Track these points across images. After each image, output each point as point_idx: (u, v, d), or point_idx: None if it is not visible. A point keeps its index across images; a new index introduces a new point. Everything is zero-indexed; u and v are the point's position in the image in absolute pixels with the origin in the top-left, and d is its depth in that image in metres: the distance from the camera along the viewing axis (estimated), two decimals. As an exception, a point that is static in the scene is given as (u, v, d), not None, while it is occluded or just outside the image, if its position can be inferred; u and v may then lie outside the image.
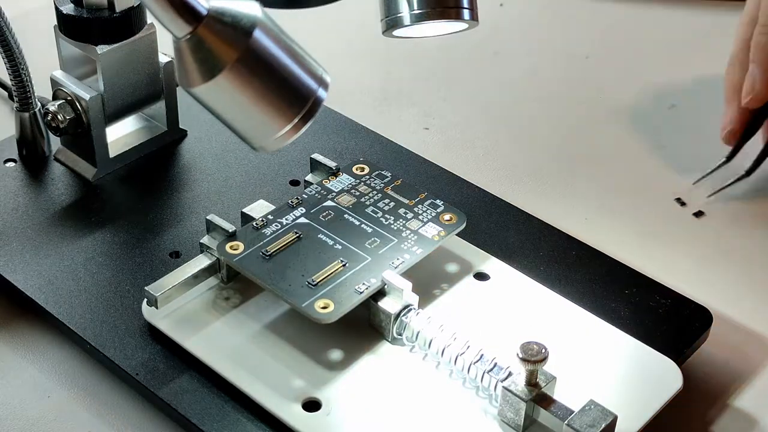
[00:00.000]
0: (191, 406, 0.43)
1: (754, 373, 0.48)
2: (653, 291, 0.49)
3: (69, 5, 0.51)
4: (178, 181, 0.55)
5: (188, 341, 0.45)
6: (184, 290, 0.46)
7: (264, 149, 0.40)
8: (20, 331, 0.48)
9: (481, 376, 0.43)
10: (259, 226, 0.48)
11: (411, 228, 0.48)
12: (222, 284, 0.48)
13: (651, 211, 0.56)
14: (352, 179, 0.51)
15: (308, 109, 0.39)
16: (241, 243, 0.47)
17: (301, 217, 0.48)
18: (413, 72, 0.66)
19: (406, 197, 0.50)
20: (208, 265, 0.47)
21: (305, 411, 0.43)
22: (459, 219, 0.49)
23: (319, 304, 0.44)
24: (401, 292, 0.45)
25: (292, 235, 0.47)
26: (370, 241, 0.47)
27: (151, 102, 0.55)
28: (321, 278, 0.45)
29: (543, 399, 0.42)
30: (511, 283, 0.48)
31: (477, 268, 0.49)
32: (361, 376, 0.44)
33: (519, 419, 0.42)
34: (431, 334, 0.44)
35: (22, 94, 0.54)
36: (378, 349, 0.45)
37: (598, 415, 0.41)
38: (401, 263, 0.46)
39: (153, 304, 0.45)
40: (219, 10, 0.37)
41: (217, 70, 0.37)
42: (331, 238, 0.47)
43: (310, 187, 0.50)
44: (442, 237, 0.48)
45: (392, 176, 0.51)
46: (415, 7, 0.44)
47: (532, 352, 0.41)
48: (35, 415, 0.45)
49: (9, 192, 0.53)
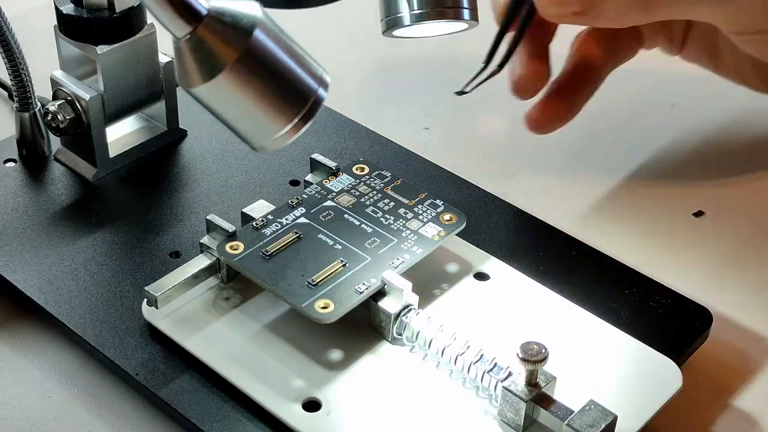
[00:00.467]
0: (191, 406, 0.43)
1: (754, 373, 0.48)
2: (653, 291, 0.49)
3: (69, 5, 0.51)
4: (178, 181, 0.55)
5: (188, 341, 0.45)
6: (184, 290, 0.46)
7: (264, 149, 0.40)
8: (20, 331, 0.48)
9: (481, 376, 0.43)
10: (259, 226, 0.48)
11: (411, 228, 0.48)
12: (222, 284, 0.48)
13: (651, 211, 0.56)
14: (352, 179, 0.51)
15: (308, 109, 0.39)
16: (241, 243, 0.47)
17: (301, 217, 0.48)
18: (413, 72, 0.66)
19: (406, 197, 0.50)
20: (208, 265, 0.47)
21: (305, 411, 0.43)
22: (459, 219, 0.49)
23: (319, 304, 0.44)
24: (401, 292, 0.45)
25: (292, 235, 0.47)
26: (370, 241, 0.47)
27: (151, 102, 0.55)
28: (321, 278, 0.45)
29: (543, 399, 0.42)
30: (511, 283, 0.48)
31: (477, 268, 0.49)
32: (361, 376, 0.44)
33: (519, 419, 0.42)
34: (431, 334, 0.44)
35: (22, 94, 0.54)
36: (378, 349, 0.45)
37: (598, 415, 0.41)
38: (401, 263, 0.46)
39: (153, 304, 0.45)
40: (219, 10, 0.37)
41: (217, 70, 0.37)
42: (331, 238, 0.47)
43: (310, 187, 0.50)
44: (442, 237, 0.48)
45: (392, 176, 0.51)
46: (415, 7, 0.44)
47: (532, 352, 0.41)
48: (35, 415, 0.45)
49: (9, 192, 0.53)
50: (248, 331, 0.46)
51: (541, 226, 0.52)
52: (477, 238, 0.51)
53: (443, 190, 0.54)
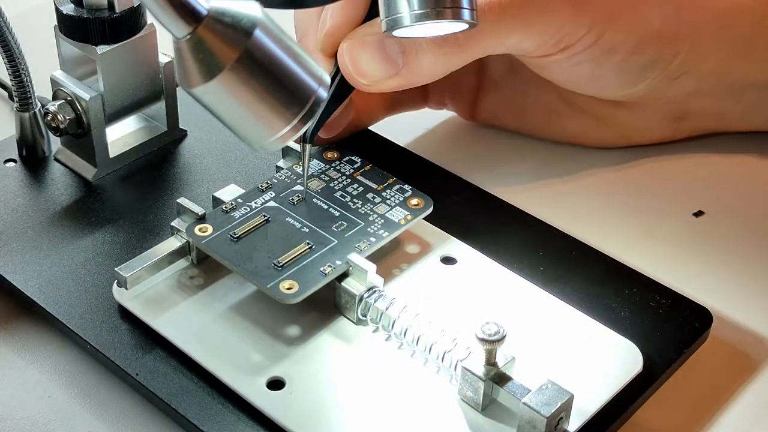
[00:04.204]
0: (191, 406, 0.43)
1: (754, 373, 0.48)
2: (653, 291, 0.49)
3: (69, 5, 0.51)
4: (178, 181, 0.55)
5: (155, 321, 0.46)
6: (154, 271, 0.47)
7: (264, 149, 0.40)
8: (20, 331, 0.48)
9: (442, 356, 0.44)
10: (228, 209, 0.48)
11: (378, 212, 0.49)
12: (192, 266, 0.48)
13: (651, 211, 0.56)
14: (323, 164, 0.52)
15: (308, 109, 0.39)
16: (210, 226, 0.47)
17: (270, 200, 0.49)
18: (413, 72, 0.66)
19: (374, 182, 0.51)
20: (178, 248, 0.47)
21: (269, 390, 0.43)
22: (426, 204, 0.50)
23: (284, 285, 0.45)
24: (365, 274, 0.46)
25: (260, 218, 0.48)
26: (338, 224, 0.48)
27: (151, 102, 0.55)
28: (287, 260, 0.46)
29: (501, 378, 0.42)
30: (478, 267, 0.49)
31: (444, 252, 0.50)
32: (325, 356, 0.45)
33: (478, 398, 0.43)
34: (394, 315, 0.45)
35: (22, 94, 0.54)
36: (342, 330, 0.46)
37: (554, 394, 0.41)
38: (367, 246, 0.47)
39: (123, 285, 0.46)
40: (219, 11, 0.37)
41: (217, 71, 0.37)
42: (299, 221, 0.48)
43: (281, 172, 0.51)
44: (409, 221, 0.49)
45: (362, 162, 0.52)
46: (415, 8, 0.44)
47: (491, 332, 0.42)
48: (35, 415, 0.45)
49: (9, 192, 0.53)
50: (215, 311, 0.46)
51: (541, 226, 0.52)
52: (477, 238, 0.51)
53: (443, 190, 0.54)
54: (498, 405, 0.43)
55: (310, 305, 0.46)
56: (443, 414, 0.43)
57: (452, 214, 0.52)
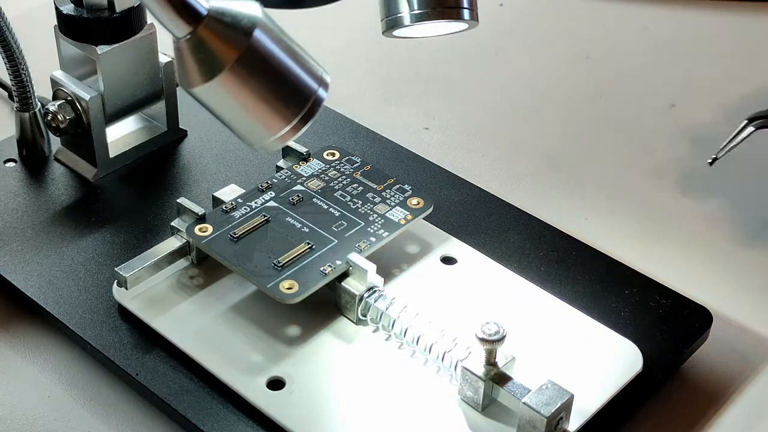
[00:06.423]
0: (191, 406, 0.43)
1: (754, 373, 0.48)
2: (653, 291, 0.49)
3: (69, 5, 0.51)
4: (178, 181, 0.55)
5: (155, 321, 0.46)
6: (154, 271, 0.47)
7: (264, 149, 0.40)
8: (20, 331, 0.48)
9: (442, 356, 0.44)
10: (228, 209, 0.48)
11: (378, 212, 0.49)
12: (192, 266, 0.48)
13: (651, 211, 0.56)
14: (323, 164, 0.51)
15: (308, 109, 0.39)
16: (210, 226, 0.47)
17: (270, 200, 0.49)
18: (413, 72, 0.66)
19: (374, 182, 0.50)
20: (178, 248, 0.47)
21: (269, 390, 0.43)
22: (426, 204, 0.50)
23: (284, 285, 0.45)
24: (366, 274, 0.46)
25: (260, 218, 0.48)
26: (337, 224, 0.48)
27: (151, 102, 0.55)
28: (287, 260, 0.46)
29: (501, 378, 0.42)
30: (478, 268, 0.49)
31: (444, 252, 0.50)
32: (325, 356, 0.45)
33: (478, 398, 0.43)
34: (394, 315, 0.45)
35: (22, 94, 0.54)
36: (342, 330, 0.46)
37: (554, 394, 0.41)
38: (367, 246, 0.47)
39: (123, 285, 0.46)
40: (219, 10, 0.37)
41: (217, 70, 0.37)
42: (299, 221, 0.48)
43: (281, 172, 0.51)
44: (409, 221, 0.49)
45: (362, 162, 0.52)
46: (415, 7, 0.44)
47: (491, 332, 0.42)
48: (35, 415, 0.45)
49: (9, 192, 0.53)
50: (215, 311, 0.46)
51: (541, 226, 0.52)
52: (477, 238, 0.51)
53: (443, 190, 0.54)
54: (498, 405, 0.43)
55: (310, 305, 0.46)
56: (443, 414, 0.43)
57: (452, 214, 0.52)
